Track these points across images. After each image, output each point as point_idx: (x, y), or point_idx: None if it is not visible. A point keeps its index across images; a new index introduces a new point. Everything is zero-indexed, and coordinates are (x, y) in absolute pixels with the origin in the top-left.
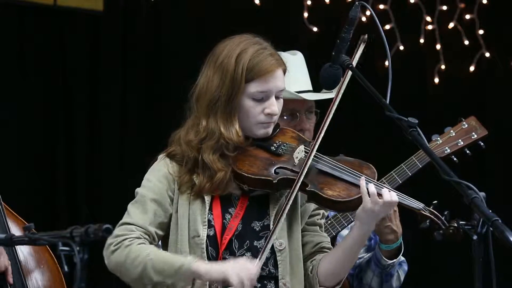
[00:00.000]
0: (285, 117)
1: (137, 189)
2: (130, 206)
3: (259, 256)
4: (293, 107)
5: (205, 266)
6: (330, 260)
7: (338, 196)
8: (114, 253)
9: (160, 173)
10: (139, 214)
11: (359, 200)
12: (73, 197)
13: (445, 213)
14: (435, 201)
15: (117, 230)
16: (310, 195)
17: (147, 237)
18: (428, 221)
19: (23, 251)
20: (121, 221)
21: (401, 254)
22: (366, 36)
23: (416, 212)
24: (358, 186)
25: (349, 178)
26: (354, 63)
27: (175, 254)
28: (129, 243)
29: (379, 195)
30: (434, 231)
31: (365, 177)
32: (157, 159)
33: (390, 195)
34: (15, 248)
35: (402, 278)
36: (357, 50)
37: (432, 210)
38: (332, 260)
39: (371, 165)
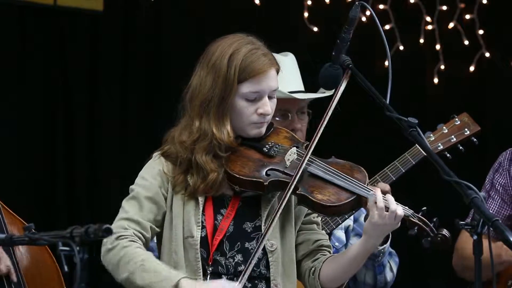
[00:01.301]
0: (277, 118)
1: (132, 186)
2: (125, 203)
3: (240, 278)
4: (284, 107)
5: (189, 284)
6: (333, 266)
7: (327, 201)
8: (109, 252)
9: (154, 171)
10: (135, 210)
11: (348, 205)
12: (73, 197)
13: (434, 220)
14: (424, 208)
15: (115, 224)
16: (300, 198)
17: (141, 235)
18: (416, 228)
19: (21, 251)
20: (117, 217)
21: (389, 240)
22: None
23: (405, 218)
24: (348, 191)
25: (340, 183)
26: (337, 99)
27: (165, 266)
28: (126, 244)
29: (386, 208)
30: (422, 238)
31: (372, 190)
32: (152, 157)
33: (397, 208)
34: (12, 248)
35: (395, 271)
36: (340, 85)
37: (421, 216)
38: (335, 267)
39: (362, 168)
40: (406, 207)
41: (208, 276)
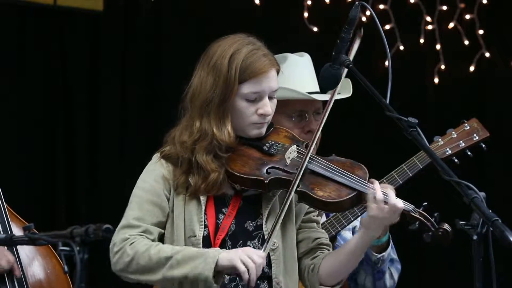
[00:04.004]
0: (293, 119)
1: (133, 191)
2: (127, 209)
3: (264, 247)
4: (301, 108)
5: (225, 257)
6: (332, 261)
7: (328, 197)
8: (119, 257)
9: (155, 173)
10: (136, 214)
11: (349, 201)
12: (73, 197)
13: (435, 215)
14: (425, 203)
15: (116, 236)
16: (301, 195)
17: (144, 235)
18: (417, 222)
19: (28, 256)
20: (119, 225)
21: (390, 247)
22: (361, 31)
23: (406, 214)
24: (349, 187)
25: (340, 179)
26: (351, 57)
27: (193, 249)
28: (133, 240)
29: (385, 202)
30: (423, 233)
31: (370, 185)
32: (152, 159)
33: (396, 202)
34: (16, 249)
35: (396, 277)
36: (352, 45)
37: (422, 211)
38: (334, 262)
39: (362, 165)
40: (407, 202)
41: None
